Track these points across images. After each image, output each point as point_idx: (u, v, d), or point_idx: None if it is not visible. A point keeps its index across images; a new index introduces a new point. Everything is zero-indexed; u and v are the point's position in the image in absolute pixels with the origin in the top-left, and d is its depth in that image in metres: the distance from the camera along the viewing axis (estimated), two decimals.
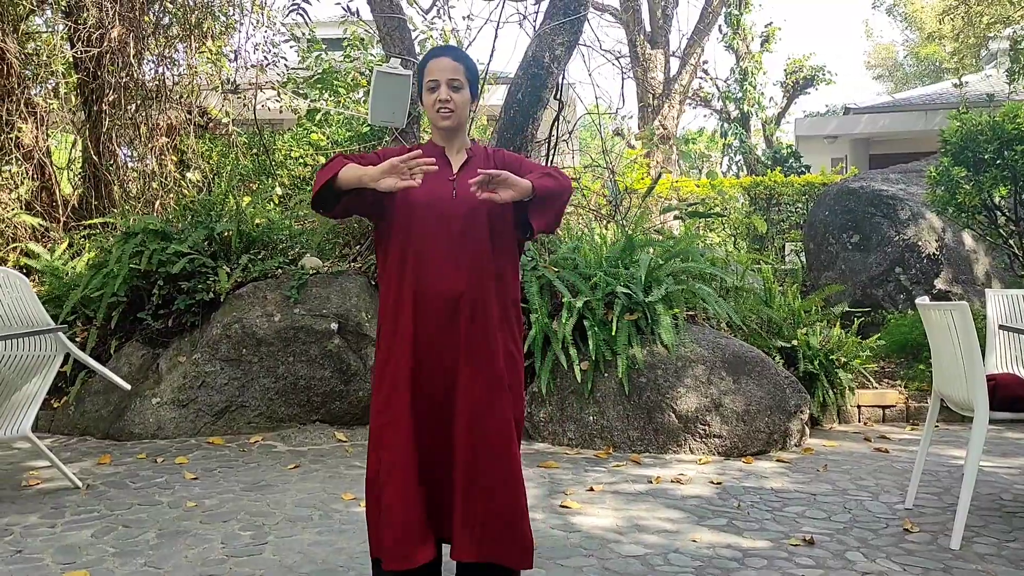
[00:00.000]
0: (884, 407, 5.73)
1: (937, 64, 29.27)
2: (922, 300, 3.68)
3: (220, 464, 4.48)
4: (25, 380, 4.00)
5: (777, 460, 4.68)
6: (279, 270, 5.60)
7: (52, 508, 3.70)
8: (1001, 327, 3.90)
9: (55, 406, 5.35)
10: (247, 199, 6.73)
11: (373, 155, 2.54)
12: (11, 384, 3.97)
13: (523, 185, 2.35)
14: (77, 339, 5.48)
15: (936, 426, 5.52)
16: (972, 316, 3.29)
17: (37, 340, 4.04)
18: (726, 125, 17.55)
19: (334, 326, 5.28)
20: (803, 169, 15.01)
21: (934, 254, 7.38)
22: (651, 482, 4.18)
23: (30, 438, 3.85)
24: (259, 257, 5.72)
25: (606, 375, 4.94)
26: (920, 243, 7.40)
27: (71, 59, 7.45)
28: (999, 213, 6.56)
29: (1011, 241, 6.57)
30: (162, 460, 4.54)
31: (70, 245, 6.65)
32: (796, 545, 3.28)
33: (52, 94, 7.70)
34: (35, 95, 7.25)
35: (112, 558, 3.10)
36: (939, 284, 7.26)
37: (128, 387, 4.40)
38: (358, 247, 5.96)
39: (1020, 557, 3.13)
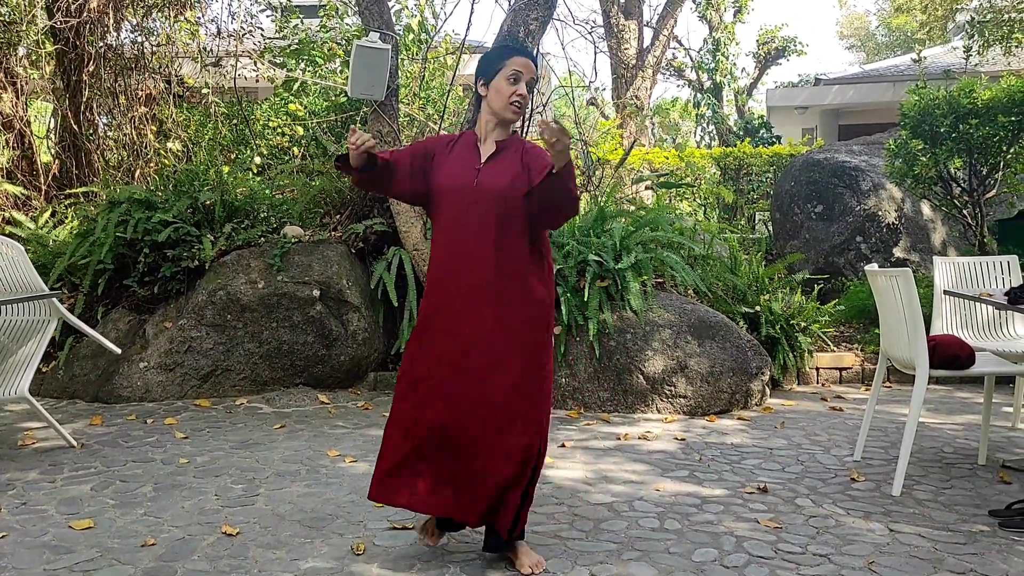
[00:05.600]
0: (841, 369, 6.03)
1: (909, 35, 29.55)
2: (871, 267, 3.93)
3: (208, 425, 4.68)
4: (20, 344, 4.16)
5: (738, 418, 4.95)
6: (262, 239, 5.76)
7: (50, 465, 3.88)
8: (945, 292, 4.17)
9: (43, 371, 5.50)
10: (226, 168, 6.85)
11: (419, 145, 2.77)
12: (7, 349, 4.13)
13: (564, 157, 2.41)
14: (64, 305, 5.61)
15: (889, 386, 5.85)
16: (917, 282, 3.55)
17: (32, 306, 4.19)
18: (699, 96, 17.73)
19: (316, 293, 5.46)
20: (774, 140, 15.24)
21: (893, 223, 7.67)
22: (619, 439, 4.44)
23: (28, 399, 4.02)
24: (242, 226, 5.87)
25: (578, 339, 5.18)
26: (880, 213, 7.69)
27: (49, 28, 7.48)
28: (954, 184, 6.84)
29: (965, 211, 6.86)
30: (152, 421, 4.73)
31: (53, 214, 6.75)
32: (751, 493, 3.55)
33: (30, 63, 7.73)
34: (15, 64, 7.29)
35: (113, 509, 3.30)
36: (898, 252, 7.56)
37: (119, 351, 4.57)
38: (338, 216, 6.12)
39: (954, 502, 3.42)
